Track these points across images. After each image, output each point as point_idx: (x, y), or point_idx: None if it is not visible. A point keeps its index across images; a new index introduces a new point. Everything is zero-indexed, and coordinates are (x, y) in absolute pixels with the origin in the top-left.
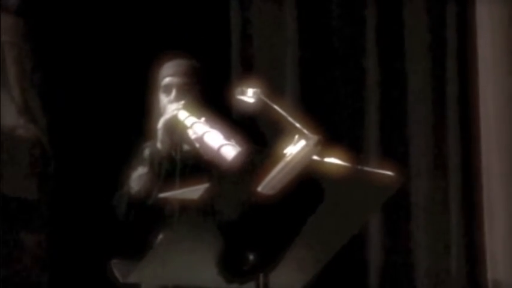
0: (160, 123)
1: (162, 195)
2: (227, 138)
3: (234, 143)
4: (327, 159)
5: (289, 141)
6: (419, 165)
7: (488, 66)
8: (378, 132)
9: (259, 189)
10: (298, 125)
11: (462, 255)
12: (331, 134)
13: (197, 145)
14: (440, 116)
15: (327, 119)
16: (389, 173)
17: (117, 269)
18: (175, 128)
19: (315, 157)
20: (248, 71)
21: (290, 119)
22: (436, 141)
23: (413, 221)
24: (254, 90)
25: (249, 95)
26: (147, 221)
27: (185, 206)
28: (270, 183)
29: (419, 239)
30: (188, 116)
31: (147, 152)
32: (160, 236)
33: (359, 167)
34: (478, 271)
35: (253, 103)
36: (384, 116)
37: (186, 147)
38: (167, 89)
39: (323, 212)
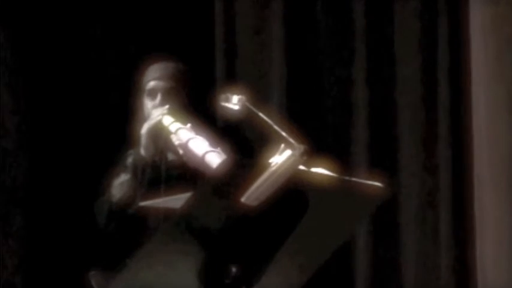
0: (144, 129)
1: (142, 203)
2: (212, 145)
3: (219, 150)
4: (314, 169)
5: (275, 150)
6: (408, 174)
7: (481, 72)
8: (366, 142)
9: (243, 199)
10: (284, 133)
11: (451, 267)
12: (318, 143)
13: (181, 152)
14: (431, 124)
15: (313, 127)
16: (377, 183)
17: (95, 280)
18: (159, 134)
19: (301, 167)
20: (232, 77)
21: (276, 127)
22: (426, 149)
23: (403, 231)
24: (239, 97)
25: (233, 102)
26: (128, 230)
27: (166, 216)
28: (254, 193)
29: (408, 249)
30: (173, 122)
31: (130, 159)
32: (139, 248)
33: (346, 177)
34: (468, 282)
35: (238, 110)
36: (372, 125)
37: (171, 156)
38: (152, 93)
39: (308, 223)
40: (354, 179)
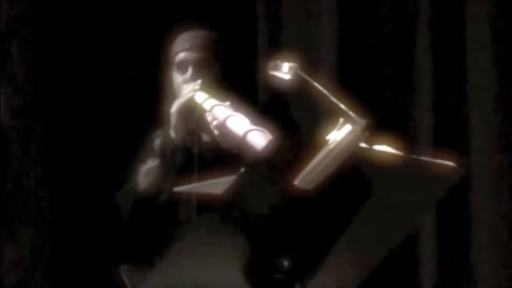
0: (174, 107)
1: (177, 189)
2: (254, 123)
3: (263, 129)
4: (377, 147)
5: (332, 125)
6: (480, 153)
7: None
8: (432, 116)
9: (295, 183)
10: (343, 106)
11: None
12: (379, 117)
13: (217, 132)
14: (506, 95)
15: (373, 99)
16: (449, 163)
17: (127, 276)
18: (191, 113)
19: (363, 144)
20: (276, 44)
21: (334, 99)
22: (500, 124)
23: (473, 222)
24: (290, 64)
25: (284, 71)
26: (156, 223)
27: (205, 204)
28: (308, 175)
29: (480, 242)
30: (207, 98)
31: (158, 141)
32: (174, 240)
33: (415, 156)
34: None
35: (289, 80)
36: (439, 96)
37: (205, 137)
38: (182, 66)
39: (371, 210)
40: (423, 158)
